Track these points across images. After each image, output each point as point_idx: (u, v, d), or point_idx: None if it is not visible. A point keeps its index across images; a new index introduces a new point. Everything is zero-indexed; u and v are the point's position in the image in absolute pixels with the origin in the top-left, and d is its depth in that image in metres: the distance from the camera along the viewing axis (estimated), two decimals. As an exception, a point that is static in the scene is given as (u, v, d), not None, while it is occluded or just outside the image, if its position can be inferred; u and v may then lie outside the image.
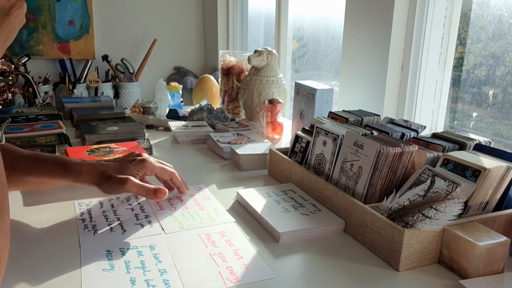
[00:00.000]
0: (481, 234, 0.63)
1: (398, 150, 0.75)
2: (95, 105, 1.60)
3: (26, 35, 2.31)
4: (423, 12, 1.18)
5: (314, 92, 1.22)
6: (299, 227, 0.74)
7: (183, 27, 2.62)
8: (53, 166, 0.80)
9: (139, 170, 0.82)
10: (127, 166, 0.81)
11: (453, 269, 0.65)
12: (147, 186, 0.79)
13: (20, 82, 2.13)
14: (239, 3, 2.33)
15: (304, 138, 0.98)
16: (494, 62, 1.11)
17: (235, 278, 0.62)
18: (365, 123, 1.02)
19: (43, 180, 0.81)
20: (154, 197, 0.79)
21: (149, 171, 0.84)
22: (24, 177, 0.80)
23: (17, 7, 0.56)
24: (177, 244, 0.71)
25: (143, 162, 0.83)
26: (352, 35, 1.35)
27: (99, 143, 1.20)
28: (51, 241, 0.71)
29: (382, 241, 0.68)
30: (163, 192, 0.79)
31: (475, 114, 1.18)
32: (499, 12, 1.09)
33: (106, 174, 0.79)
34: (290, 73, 1.96)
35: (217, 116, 1.46)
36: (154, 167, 0.84)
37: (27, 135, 1.22)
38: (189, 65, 2.67)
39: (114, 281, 0.60)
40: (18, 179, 0.80)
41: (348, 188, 0.80)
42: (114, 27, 2.47)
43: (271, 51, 1.43)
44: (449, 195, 0.65)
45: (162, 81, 1.64)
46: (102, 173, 0.79)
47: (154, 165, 0.84)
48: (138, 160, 0.83)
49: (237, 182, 1.00)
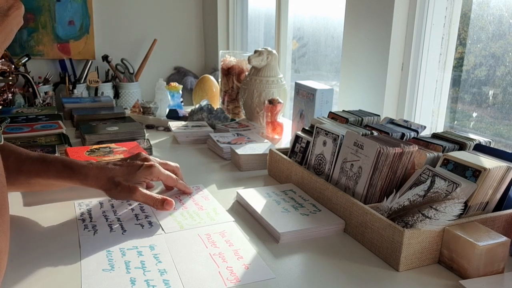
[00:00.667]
0: (481, 234, 0.63)
1: (398, 150, 0.75)
2: (95, 105, 1.60)
3: (26, 35, 2.31)
4: (423, 12, 1.18)
5: (314, 92, 1.22)
6: (299, 227, 0.74)
7: (183, 27, 2.62)
8: (60, 168, 0.80)
9: (146, 177, 0.82)
10: (135, 172, 0.82)
11: (453, 269, 0.65)
12: (154, 197, 0.80)
13: (20, 82, 2.13)
14: (239, 3, 2.33)
15: (304, 138, 0.98)
16: (494, 62, 1.11)
17: (235, 278, 0.62)
18: (365, 123, 1.02)
19: (49, 182, 0.81)
20: (161, 207, 0.80)
21: (156, 177, 0.84)
22: (31, 179, 0.80)
23: (15, 8, 0.56)
24: (177, 244, 0.71)
25: (150, 169, 0.83)
26: (352, 35, 1.35)
27: (99, 143, 1.20)
28: (51, 241, 0.71)
29: (382, 241, 0.68)
30: (170, 204, 0.80)
31: (475, 114, 1.18)
32: (499, 12, 1.09)
33: (114, 180, 0.79)
34: (290, 73, 1.96)
35: (217, 116, 1.46)
36: (160, 173, 0.84)
37: (27, 135, 1.22)
38: (189, 65, 2.67)
39: (114, 281, 0.60)
40: (24, 181, 0.80)
41: (348, 188, 0.80)
42: (114, 27, 2.47)
43: (271, 51, 1.43)
44: (449, 195, 0.65)
45: (162, 81, 1.64)
46: (110, 178, 0.80)
47: (161, 172, 0.84)
48: (145, 166, 0.83)
49: (237, 182, 1.00)
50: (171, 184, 0.88)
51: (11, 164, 0.78)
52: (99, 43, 2.44)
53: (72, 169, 0.80)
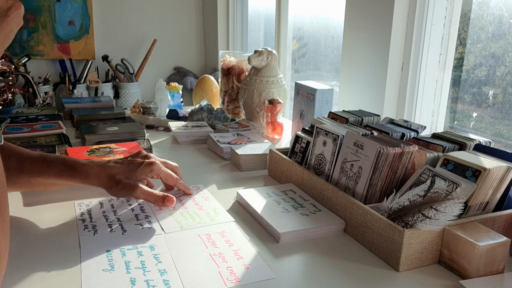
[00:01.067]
0: (481, 234, 0.63)
1: (398, 150, 0.75)
2: (95, 105, 1.60)
3: (26, 35, 2.31)
4: (423, 12, 1.18)
5: (314, 92, 1.22)
6: (299, 227, 0.74)
7: (183, 27, 2.62)
8: (61, 167, 0.80)
9: (147, 175, 0.83)
10: (135, 170, 0.82)
11: (453, 269, 0.65)
12: (155, 194, 0.80)
13: (20, 83, 2.13)
14: (239, 3, 2.33)
15: (304, 138, 0.98)
16: (494, 62, 1.11)
17: (235, 278, 0.62)
18: (365, 123, 1.02)
19: (51, 181, 0.81)
20: (162, 204, 0.79)
21: (156, 175, 0.84)
22: (32, 179, 0.80)
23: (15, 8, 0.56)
24: (177, 245, 0.71)
25: (151, 166, 0.83)
26: (352, 35, 1.35)
27: (99, 143, 1.20)
28: (51, 241, 0.71)
29: (382, 241, 0.68)
30: (171, 201, 0.80)
31: (475, 114, 1.18)
32: (499, 12, 1.09)
33: (115, 178, 0.79)
34: (290, 73, 1.96)
35: (217, 116, 1.46)
36: (161, 171, 0.84)
37: (27, 135, 1.22)
38: (189, 65, 2.67)
39: (114, 281, 0.60)
40: (26, 181, 0.80)
41: (348, 188, 0.80)
42: (114, 27, 2.47)
43: (271, 51, 1.43)
44: (449, 195, 0.65)
45: (162, 81, 1.64)
46: (111, 176, 0.80)
47: (161, 170, 0.85)
48: (146, 164, 0.83)
49: (237, 182, 1.00)
50: (171, 183, 0.88)
51: (12, 164, 0.78)
52: (99, 43, 2.44)
53: (73, 167, 0.80)
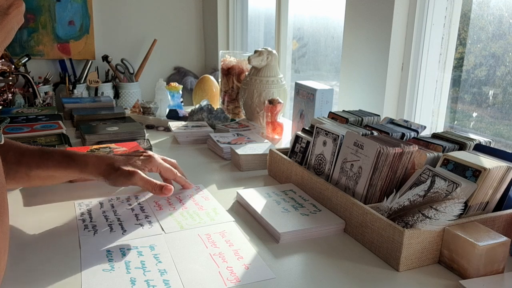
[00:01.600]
0: (481, 234, 0.63)
1: (398, 150, 0.75)
2: (95, 105, 1.60)
3: (26, 35, 2.31)
4: (423, 12, 1.18)
5: (314, 92, 1.22)
6: (299, 227, 0.74)
7: (183, 27, 2.62)
8: (59, 158, 0.81)
9: (146, 165, 0.84)
10: (134, 160, 0.83)
11: (453, 269, 0.65)
12: (153, 182, 0.81)
13: (20, 83, 2.13)
14: (239, 3, 2.33)
15: (304, 138, 0.98)
16: (494, 62, 1.11)
17: (235, 278, 0.62)
18: (365, 123, 1.02)
19: (49, 174, 0.81)
20: (159, 193, 0.80)
21: (155, 167, 0.86)
22: (31, 172, 0.80)
23: (16, 6, 0.56)
24: (177, 245, 0.71)
25: (150, 159, 0.85)
26: (352, 35, 1.35)
27: (99, 143, 1.20)
28: (51, 241, 0.71)
29: (382, 241, 0.68)
30: (169, 189, 0.80)
31: (475, 114, 1.18)
32: (499, 12, 1.09)
33: (114, 165, 0.81)
34: (290, 73, 1.96)
35: (217, 116, 1.46)
36: (160, 164, 0.86)
37: (27, 135, 1.22)
38: (189, 65, 2.67)
39: (114, 281, 0.60)
40: (24, 174, 0.80)
41: (348, 188, 0.80)
42: (114, 27, 2.47)
43: (271, 51, 1.43)
44: (449, 195, 0.65)
45: (162, 81, 1.64)
46: (110, 164, 0.81)
47: (160, 163, 0.86)
48: (145, 156, 0.86)
49: (237, 182, 1.00)
50: (170, 177, 0.89)
51: (10, 158, 0.78)
52: (99, 43, 2.44)
53: (71, 157, 0.81)
